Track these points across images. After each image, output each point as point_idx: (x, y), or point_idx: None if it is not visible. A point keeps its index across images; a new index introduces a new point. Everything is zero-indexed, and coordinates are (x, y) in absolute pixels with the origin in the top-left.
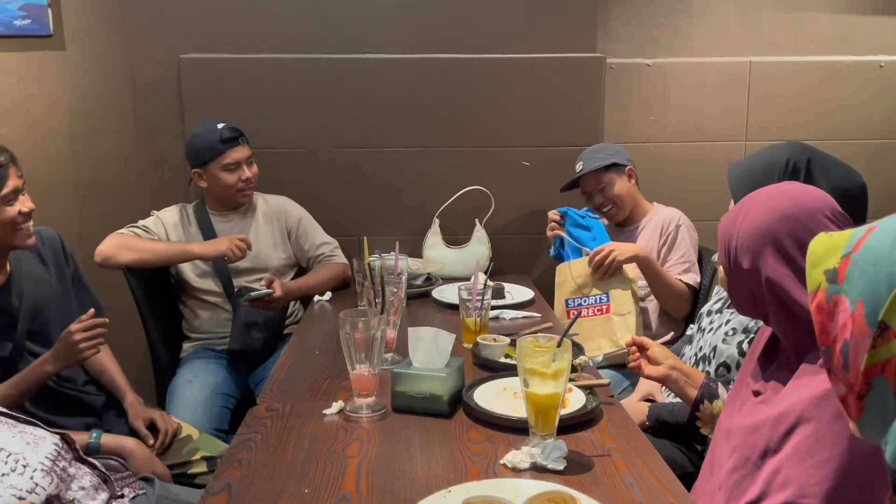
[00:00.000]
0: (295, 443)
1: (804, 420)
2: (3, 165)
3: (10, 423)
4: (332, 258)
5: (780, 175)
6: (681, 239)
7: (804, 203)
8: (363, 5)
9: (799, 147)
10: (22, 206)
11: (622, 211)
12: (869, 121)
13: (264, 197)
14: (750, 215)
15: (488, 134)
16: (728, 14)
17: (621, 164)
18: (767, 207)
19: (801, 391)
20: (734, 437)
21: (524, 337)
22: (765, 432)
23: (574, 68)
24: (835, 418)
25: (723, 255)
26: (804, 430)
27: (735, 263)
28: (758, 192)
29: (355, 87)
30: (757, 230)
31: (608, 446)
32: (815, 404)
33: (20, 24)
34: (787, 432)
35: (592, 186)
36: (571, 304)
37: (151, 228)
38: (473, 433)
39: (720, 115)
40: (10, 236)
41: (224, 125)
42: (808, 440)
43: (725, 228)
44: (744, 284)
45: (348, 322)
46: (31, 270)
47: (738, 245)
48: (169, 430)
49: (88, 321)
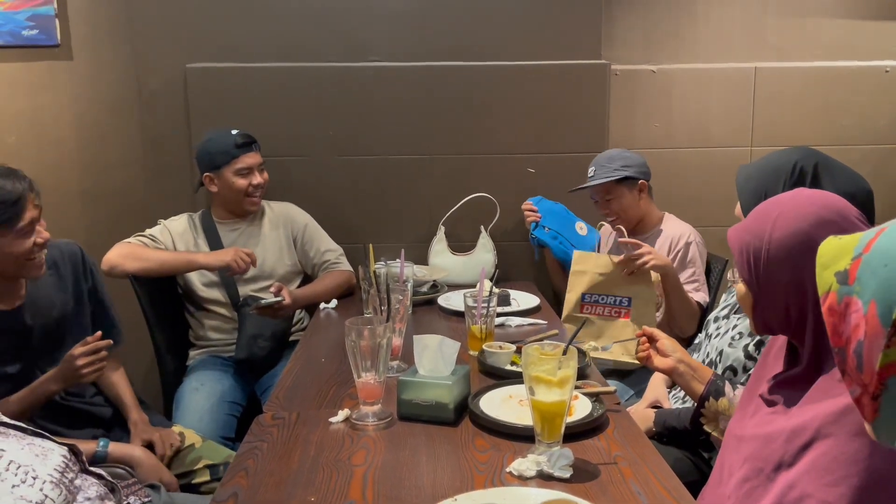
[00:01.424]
0: (301, 451)
1: (822, 436)
2: (21, 198)
3: (19, 435)
4: (338, 265)
5: (787, 178)
6: (691, 256)
7: (833, 206)
8: (368, 14)
9: (807, 152)
10: (37, 237)
11: (627, 223)
12: (875, 126)
13: (270, 204)
14: (780, 225)
15: (493, 141)
16: (733, 20)
17: (633, 178)
18: (798, 214)
19: (820, 405)
20: (746, 446)
21: (530, 345)
22: (779, 444)
23: (579, 75)
24: (854, 435)
25: (746, 270)
26: (822, 446)
27: (768, 278)
28: (774, 201)
29: (361, 94)
30: (794, 239)
31: (614, 454)
32: (833, 420)
33: (28, 35)
34: (804, 447)
35: (600, 196)
36: (588, 300)
37: (158, 237)
38: (479, 441)
39: (725, 121)
40: (22, 267)
41: (238, 131)
42: (826, 457)
43: (746, 242)
44: (779, 299)
45: (354, 330)
46: (47, 291)
47: (772, 258)
48: (166, 454)
49: (92, 344)
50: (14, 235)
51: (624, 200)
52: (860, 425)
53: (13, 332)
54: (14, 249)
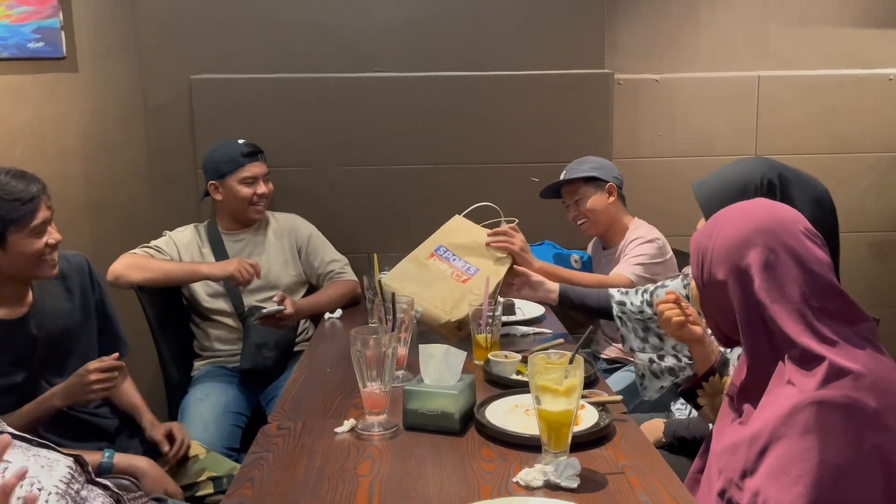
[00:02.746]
0: (307, 461)
1: (774, 438)
2: (35, 197)
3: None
4: (342, 275)
5: (755, 193)
6: (643, 247)
7: (780, 217)
8: (372, 25)
9: (766, 163)
10: (49, 238)
11: (595, 226)
12: (879, 133)
13: (274, 215)
14: (726, 228)
15: (497, 150)
16: (736, 29)
17: (602, 179)
18: (744, 219)
19: (770, 408)
20: (720, 459)
21: (536, 354)
22: (742, 453)
23: (582, 84)
24: (803, 433)
25: (696, 269)
26: (776, 449)
27: (709, 276)
28: (730, 207)
29: (365, 105)
30: (733, 241)
31: (622, 463)
32: (783, 422)
33: (34, 47)
34: (761, 452)
35: (569, 197)
36: (441, 252)
37: (164, 248)
38: (486, 451)
39: (729, 129)
40: (35, 267)
41: (244, 141)
42: (780, 459)
43: (699, 242)
44: (717, 298)
45: (359, 339)
46: (53, 300)
47: (714, 257)
48: (185, 440)
49: (109, 363)
50: (27, 233)
51: (591, 201)
52: (807, 423)
53: (18, 342)
54: (27, 248)
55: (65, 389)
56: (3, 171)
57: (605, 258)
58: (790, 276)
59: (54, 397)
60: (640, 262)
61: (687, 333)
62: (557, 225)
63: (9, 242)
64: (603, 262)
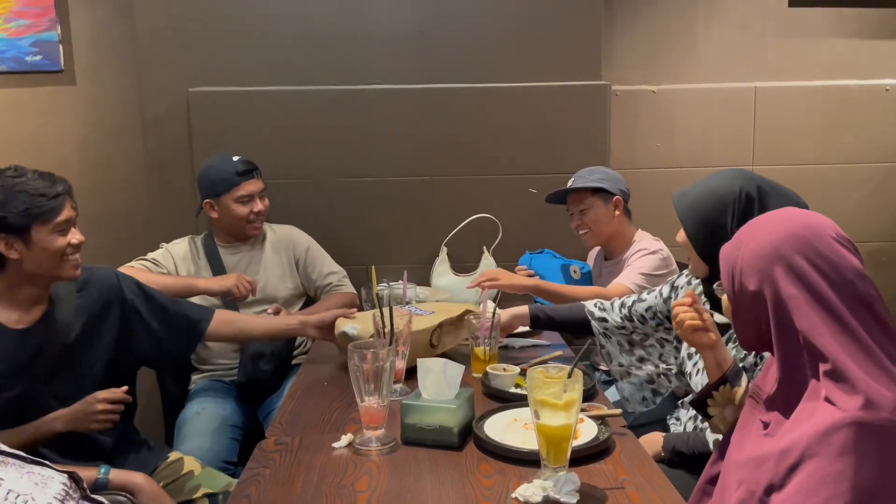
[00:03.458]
0: (304, 477)
1: (808, 456)
2: (60, 195)
3: (19, 463)
4: (341, 287)
5: (734, 205)
6: (645, 259)
7: (811, 224)
8: (369, 37)
9: (744, 175)
10: (72, 238)
11: (596, 238)
12: (876, 144)
13: (272, 227)
14: (755, 237)
15: (495, 162)
16: (732, 40)
17: (610, 192)
18: (774, 228)
19: (805, 424)
20: (742, 469)
21: (534, 368)
22: (770, 466)
23: (579, 96)
24: (838, 454)
25: (726, 281)
26: (808, 467)
27: (740, 287)
28: (759, 217)
29: (363, 117)
30: (763, 250)
31: (621, 478)
32: (818, 440)
33: (32, 60)
34: (792, 468)
35: (574, 205)
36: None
37: (160, 261)
38: (484, 466)
39: (727, 140)
40: (57, 266)
41: (239, 158)
42: (813, 478)
43: (728, 253)
44: (749, 310)
45: (356, 353)
46: (69, 311)
47: (744, 267)
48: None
49: (119, 395)
50: (51, 229)
51: (596, 212)
52: (845, 444)
53: (22, 352)
54: (50, 245)
55: (69, 415)
56: (31, 171)
57: (607, 269)
58: (822, 285)
59: (56, 421)
60: (642, 273)
61: (699, 339)
62: (556, 235)
63: (32, 238)
64: (604, 272)
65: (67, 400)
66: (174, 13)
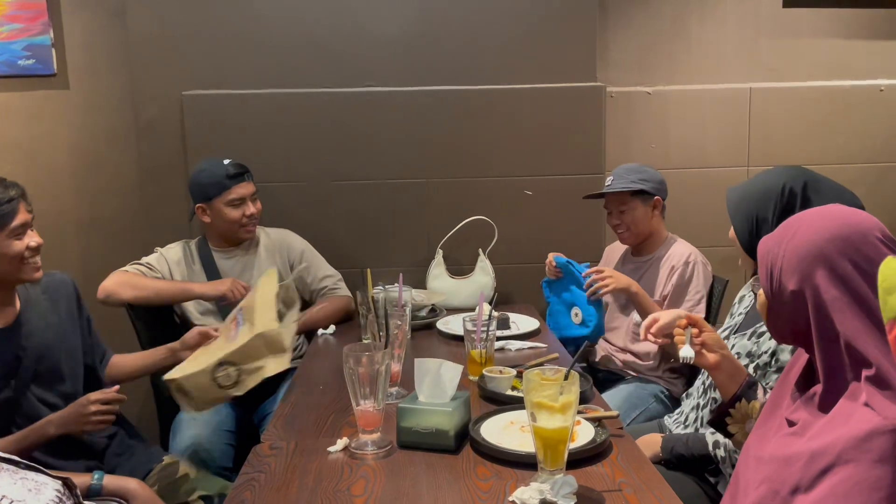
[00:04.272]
0: (299, 482)
1: (842, 461)
2: (13, 199)
3: (12, 469)
4: (336, 291)
5: (777, 201)
6: (696, 276)
7: (856, 224)
8: (364, 39)
9: (795, 171)
10: (30, 241)
11: (634, 237)
12: (870, 144)
13: (266, 231)
14: (799, 235)
15: (490, 164)
16: (727, 41)
17: (649, 193)
18: (817, 227)
19: (841, 429)
20: (765, 467)
21: (531, 370)
22: (798, 467)
23: (574, 97)
24: (876, 462)
25: (764, 278)
26: (842, 472)
27: (779, 285)
28: (804, 213)
29: (357, 120)
30: (806, 250)
31: (619, 480)
32: (855, 445)
33: (24, 64)
34: (823, 471)
35: (614, 206)
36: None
37: (155, 266)
38: (481, 469)
39: (721, 141)
40: (18, 270)
41: (230, 161)
42: (846, 483)
43: (769, 249)
44: (787, 308)
45: (352, 357)
46: (40, 313)
47: (784, 266)
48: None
49: (111, 395)
50: (7, 235)
51: (636, 213)
52: (884, 452)
53: (5, 355)
54: (8, 251)
55: (62, 418)
56: None
57: (635, 264)
58: (866, 288)
59: (49, 425)
60: (702, 295)
61: (700, 361)
62: (552, 238)
63: None
64: (631, 267)
65: (54, 405)
66: (167, 16)
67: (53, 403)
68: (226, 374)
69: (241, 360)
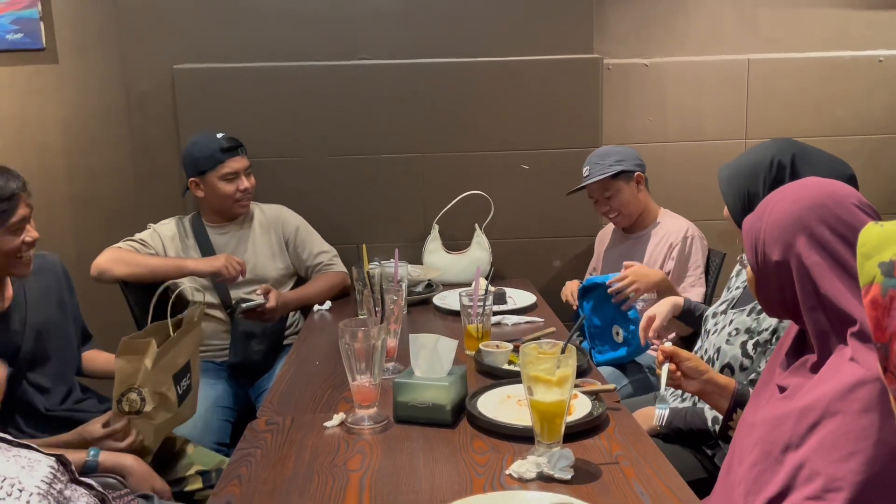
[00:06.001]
0: (295, 457)
1: (829, 413)
2: (15, 194)
3: (5, 447)
4: (331, 267)
5: (766, 174)
6: (694, 251)
7: (831, 192)
8: (357, 12)
9: (783, 144)
10: (27, 236)
11: (627, 218)
12: (869, 116)
13: (261, 206)
14: (777, 208)
15: (486, 138)
16: (725, 12)
17: (629, 171)
18: (795, 198)
19: (827, 384)
20: (757, 431)
21: (527, 343)
22: (788, 426)
23: (571, 70)
24: (862, 411)
25: (750, 252)
26: (830, 424)
27: (764, 258)
28: (783, 187)
29: (351, 93)
30: (786, 220)
31: (616, 453)
32: (840, 397)
33: (12, 39)
34: (812, 426)
35: (598, 194)
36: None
37: (148, 242)
38: (478, 443)
39: (719, 113)
40: (10, 265)
41: (223, 135)
42: (835, 434)
43: (751, 224)
44: (773, 279)
45: (348, 332)
46: (33, 295)
47: (767, 238)
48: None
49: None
50: (4, 231)
51: (623, 195)
52: (869, 401)
53: (2, 337)
54: (3, 246)
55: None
56: None
57: (630, 241)
58: (845, 251)
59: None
60: (701, 269)
61: (685, 387)
62: (549, 212)
63: None
64: (626, 244)
65: (41, 386)
66: None
67: (41, 385)
68: (128, 400)
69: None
